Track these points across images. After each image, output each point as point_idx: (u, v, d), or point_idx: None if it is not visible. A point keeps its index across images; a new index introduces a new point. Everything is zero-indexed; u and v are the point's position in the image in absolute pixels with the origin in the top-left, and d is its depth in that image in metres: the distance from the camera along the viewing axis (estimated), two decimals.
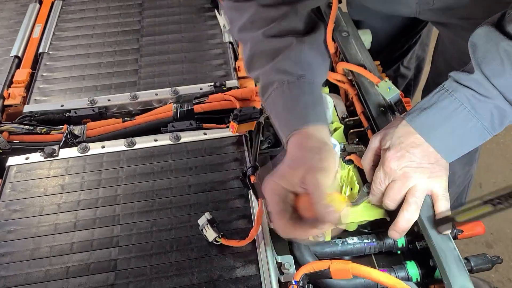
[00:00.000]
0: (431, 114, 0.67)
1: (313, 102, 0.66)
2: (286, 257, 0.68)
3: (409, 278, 0.68)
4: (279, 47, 0.69)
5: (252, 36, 0.71)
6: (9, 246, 0.69)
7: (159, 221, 0.71)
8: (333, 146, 0.78)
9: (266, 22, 0.70)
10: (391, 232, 0.68)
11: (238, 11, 0.72)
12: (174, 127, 0.85)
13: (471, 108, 0.65)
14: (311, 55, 0.69)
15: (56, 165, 0.80)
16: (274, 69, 0.68)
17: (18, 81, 0.97)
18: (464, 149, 0.69)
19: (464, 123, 0.66)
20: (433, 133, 0.67)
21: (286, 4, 0.70)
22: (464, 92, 0.66)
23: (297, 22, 0.71)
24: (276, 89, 0.67)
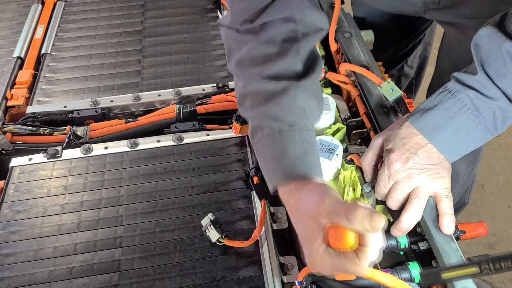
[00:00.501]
0: (434, 115, 0.67)
1: (302, 153, 0.63)
2: (289, 258, 0.68)
3: (411, 279, 0.68)
4: (273, 92, 0.65)
5: (247, 73, 0.68)
6: (13, 246, 0.69)
7: (162, 222, 0.71)
8: (336, 147, 0.78)
9: (264, 60, 0.67)
10: (393, 230, 0.69)
11: (237, 42, 0.69)
12: (177, 128, 0.85)
13: (474, 109, 0.66)
14: (306, 100, 0.66)
15: (59, 166, 0.80)
16: (266, 114, 0.65)
17: (21, 82, 0.97)
18: (466, 150, 0.69)
19: (467, 124, 0.66)
20: (436, 134, 0.67)
21: (288, 41, 0.67)
22: (468, 93, 0.66)
23: (296, 62, 0.67)
24: (266, 136, 0.64)
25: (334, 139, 0.80)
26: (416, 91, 1.49)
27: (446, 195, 0.68)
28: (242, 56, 0.68)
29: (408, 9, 1.06)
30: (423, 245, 0.69)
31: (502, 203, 1.77)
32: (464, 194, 1.33)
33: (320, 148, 0.78)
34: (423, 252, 0.69)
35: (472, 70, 0.67)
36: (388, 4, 1.09)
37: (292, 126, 0.64)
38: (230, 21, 0.69)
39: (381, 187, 0.69)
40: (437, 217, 0.68)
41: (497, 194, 1.81)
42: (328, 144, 0.79)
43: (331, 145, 0.78)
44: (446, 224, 0.66)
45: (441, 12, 1.01)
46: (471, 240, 1.63)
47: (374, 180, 0.73)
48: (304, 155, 0.63)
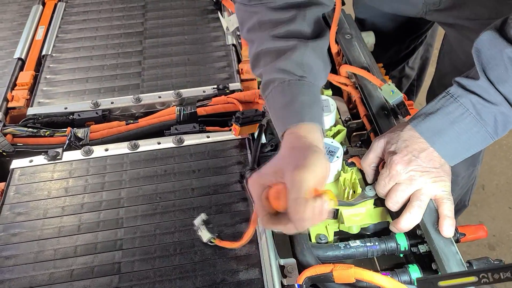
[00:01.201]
0: (436, 120, 0.68)
1: (311, 102, 0.67)
2: (289, 260, 0.68)
3: (411, 282, 0.68)
4: (283, 48, 0.70)
5: (259, 36, 0.73)
6: (14, 249, 0.69)
7: (162, 224, 0.71)
8: (336, 149, 0.78)
9: (274, 24, 0.72)
10: (391, 227, 0.70)
11: (248, 13, 0.74)
12: (177, 130, 0.85)
13: (476, 114, 0.66)
14: (313, 59, 0.70)
15: (59, 168, 0.81)
16: (277, 68, 0.69)
17: (22, 83, 0.97)
18: (467, 153, 0.69)
19: (468, 129, 0.66)
20: (438, 139, 0.68)
21: (294, 8, 0.72)
22: (470, 98, 0.66)
23: (304, 26, 0.72)
24: (277, 87, 0.69)
25: (334, 141, 0.80)
26: (417, 92, 1.49)
27: (447, 198, 0.68)
28: (253, 23, 0.74)
29: (409, 10, 1.06)
30: (423, 248, 0.69)
31: (502, 204, 1.77)
32: (464, 196, 1.33)
33: None
34: (423, 255, 0.70)
35: (473, 75, 0.67)
36: (389, 5, 1.09)
37: (301, 78, 0.68)
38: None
39: (381, 187, 0.70)
40: (437, 220, 0.68)
41: (497, 195, 1.81)
42: (328, 146, 0.79)
43: (331, 147, 0.78)
44: (446, 227, 0.66)
45: (441, 14, 1.01)
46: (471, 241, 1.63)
47: (375, 181, 0.74)
48: (311, 104, 0.67)
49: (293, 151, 0.61)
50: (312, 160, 0.58)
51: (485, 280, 0.53)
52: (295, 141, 0.63)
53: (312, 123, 0.65)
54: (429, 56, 1.42)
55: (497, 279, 0.52)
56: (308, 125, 0.64)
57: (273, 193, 0.59)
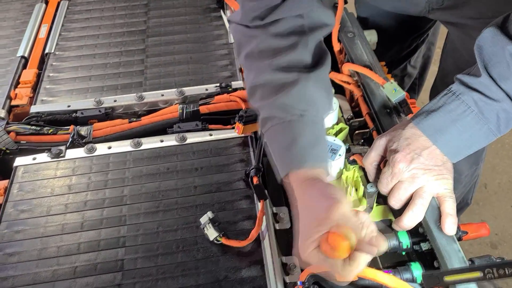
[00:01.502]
0: (438, 117, 0.67)
1: (313, 143, 0.65)
2: (291, 258, 0.68)
3: (413, 280, 0.68)
4: (284, 82, 0.67)
5: (257, 65, 0.70)
6: (17, 246, 0.70)
7: (165, 222, 0.71)
8: (339, 147, 0.78)
9: (274, 53, 0.68)
10: (394, 225, 0.70)
11: (247, 37, 0.71)
12: (180, 128, 0.85)
13: (478, 111, 0.66)
14: (316, 91, 0.68)
15: (63, 165, 0.81)
16: (276, 104, 0.66)
17: (25, 81, 0.98)
18: (470, 150, 0.69)
19: (470, 126, 0.66)
20: (440, 136, 0.68)
21: (296, 34, 0.69)
22: (472, 95, 0.66)
23: (306, 54, 0.69)
24: (276, 126, 0.66)
25: (337, 139, 0.80)
26: (419, 91, 1.49)
27: (449, 196, 0.68)
28: (252, 49, 0.70)
29: (411, 9, 1.06)
30: (425, 246, 0.69)
31: (505, 202, 1.77)
32: (467, 194, 1.33)
33: None
34: (425, 253, 0.70)
35: (475, 72, 0.67)
36: (392, 4, 1.09)
37: (302, 117, 0.66)
38: (241, 18, 0.71)
39: (383, 185, 0.70)
40: (439, 218, 0.68)
41: (500, 193, 1.80)
42: (330, 144, 0.79)
43: (333, 145, 0.79)
44: (448, 225, 0.66)
45: (444, 12, 1.00)
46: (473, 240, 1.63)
47: (377, 179, 0.74)
48: (313, 145, 0.65)
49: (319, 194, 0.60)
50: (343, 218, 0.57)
51: (490, 276, 0.54)
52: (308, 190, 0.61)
53: (314, 168, 0.63)
54: (431, 55, 1.41)
55: (502, 274, 0.53)
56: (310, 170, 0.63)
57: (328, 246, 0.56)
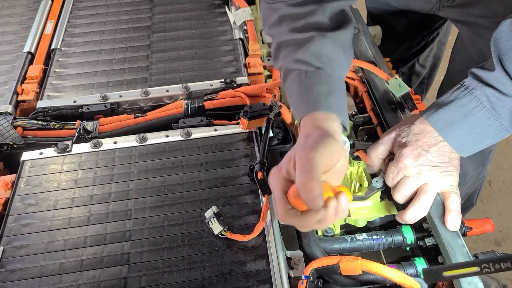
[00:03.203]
0: (449, 111, 0.67)
1: (328, 92, 0.68)
2: (296, 253, 0.68)
3: (417, 275, 0.68)
4: (302, 41, 0.71)
5: (279, 31, 0.76)
6: (25, 239, 0.71)
7: (170, 216, 0.72)
8: (343, 143, 0.78)
9: (293, 19, 0.73)
10: (397, 217, 0.71)
11: (270, 10, 0.77)
12: (185, 123, 0.86)
13: (490, 107, 0.66)
14: (332, 50, 0.71)
15: (69, 160, 0.82)
16: (295, 59, 0.71)
17: (31, 77, 0.98)
18: (480, 146, 0.69)
19: (482, 122, 0.66)
20: (450, 131, 0.68)
21: (314, 3, 0.72)
22: (485, 90, 0.66)
23: (323, 18, 0.73)
24: (295, 77, 0.71)
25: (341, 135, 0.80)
26: (427, 90, 1.49)
27: (454, 192, 0.68)
28: (274, 19, 0.76)
29: (422, 6, 1.05)
30: (430, 241, 0.70)
31: (509, 200, 1.77)
32: (472, 195, 1.33)
33: None
34: (429, 248, 0.70)
35: (489, 66, 0.67)
36: (403, 1, 1.09)
37: (318, 69, 0.69)
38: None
39: (389, 179, 0.70)
40: (443, 214, 0.68)
41: (504, 191, 1.80)
42: None
43: None
44: (452, 221, 0.66)
45: (454, 10, 1.00)
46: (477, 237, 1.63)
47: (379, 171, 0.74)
48: (328, 94, 0.68)
49: (307, 138, 0.61)
50: (323, 142, 0.58)
51: (487, 270, 0.54)
52: (309, 130, 0.63)
53: (329, 112, 0.65)
54: (442, 55, 1.41)
55: (498, 268, 0.54)
56: (324, 114, 0.65)
57: (293, 191, 0.58)
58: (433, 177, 0.68)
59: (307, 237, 0.70)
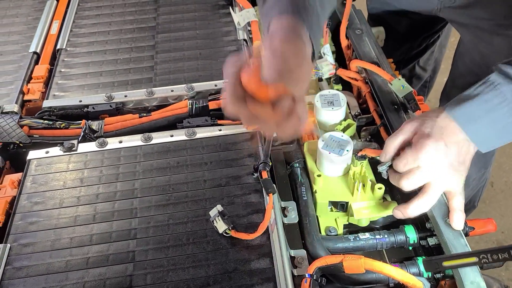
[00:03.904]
0: (473, 106, 0.67)
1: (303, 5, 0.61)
2: (299, 252, 0.69)
3: (420, 274, 0.69)
4: None
5: None
6: (31, 237, 0.71)
7: (175, 215, 0.73)
8: (346, 143, 0.79)
9: None
10: (396, 211, 0.70)
11: None
12: (189, 123, 0.87)
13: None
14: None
15: (75, 159, 0.82)
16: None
17: (37, 76, 0.99)
18: (501, 142, 0.69)
19: (505, 118, 0.66)
20: (472, 125, 0.67)
21: None
22: (510, 87, 0.65)
23: None
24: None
25: (344, 135, 0.81)
26: (428, 93, 1.49)
27: (459, 193, 0.69)
28: None
29: (423, 5, 1.05)
30: (432, 241, 0.70)
31: (511, 201, 1.77)
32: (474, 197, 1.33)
33: (330, 143, 0.79)
34: (432, 248, 0.70)
35: None
36: (405, 1, 1.09)
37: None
38: None
39: (401, 164, 0.69)
40: (447, 213, 0.69)
41: (506, 192, 1.80)
42: (338, 140, 0.80)
43: (341, 141, 0.79)
44: (457, 220, 0.67)
45: (455, 11, 1.00)
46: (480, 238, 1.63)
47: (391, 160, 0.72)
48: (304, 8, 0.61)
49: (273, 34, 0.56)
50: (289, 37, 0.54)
51: (485, 260, 0.56)
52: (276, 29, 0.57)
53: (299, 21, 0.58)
54: (442, 58, 1.41)
55: (495, 259, 0.56)
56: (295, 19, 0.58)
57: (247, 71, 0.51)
58: (445, 174, 0.67)
59: (310, 236, 0.71)
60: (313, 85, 1.04)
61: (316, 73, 0.96)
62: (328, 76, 0.97)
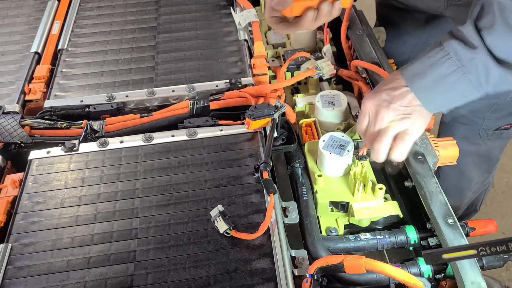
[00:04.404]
0: (418, 63, 0.70)
1: None
2: (300, 251, 0.69)
3: (421, 274, 0.69)
4: None
5: None
6: (32, 236, 0.71)
7: (176, 215, 0.73)
8: (347, 143, 0.79)
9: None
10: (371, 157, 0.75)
11: None
12: (190, 123, 0.87)
13: (456, 59, 0.67)
14: None
15: (76, 159, 0.82)
16: None
17: (39, 76, 0.99)
18: (447, 103, 0.70)
19: (448, 73, 0.67)
20: (416, 81, 0.69)
21: None
22: (453, 43, 0.67)
23: None
24: None
25: (345, 135, 0.81)
26: None
27: (408, 135, 0.70)
28: None
29: (431, 3, 1.06)
30: (433, 241, 0.70)
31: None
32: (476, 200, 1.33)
33: (331, 144, 0.79)
34: (432, 248, 0.70)
35: None
36: None
37: None
38: None
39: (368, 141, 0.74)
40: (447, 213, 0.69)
41: (507, 193, 1.80)
42: (339, 140, 0.80)
43: (342, 141, 0.80)
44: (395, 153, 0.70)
45: (460, 9, 1.01)
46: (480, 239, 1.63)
47: None
48: None
49: None
50: None
51: (484, 253, 0.58)
52: None
53: None
54: None
55: (494, 251, 0.57)
56: None
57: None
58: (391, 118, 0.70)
59: (311, 236, 0.71)
60: (314, 85, 1.04)
61: (317, 73, 0.96)
62: (329, 76, 0.97)
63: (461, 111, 1.06)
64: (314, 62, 0.97)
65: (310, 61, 0.99)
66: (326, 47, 1.00)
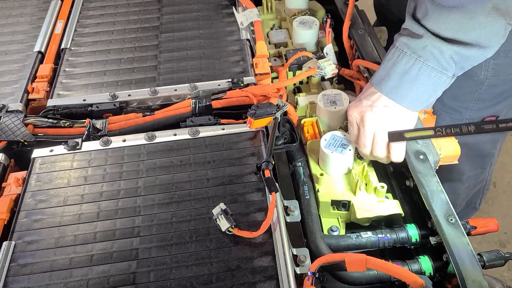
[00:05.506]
0: (381, 68, 0.74)
1: None
2: (302, 250, 0.69)
3: (422, 272, 0.69)
4: None
5: None
6: (35, 234, 0.72)
7: (178, 213, 0.73)
8: (349, 143, 0.79)
9: None
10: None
11: None
12: (193, 122, 0.87)
13: (411, 52, 0.71)
14: None
15: (79, 157, 0.83)
16: None
17: (42, 76, 1.00)
18: (423, 95, 0.72)
19: (408, 67, 0.71)
20: (383, 83, 0.73)
21: None
22: (403, 40, 0.72)
23: None
24: None
25: (347, 134, 0.81)
26: None
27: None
28: None
29: None
30: (434, 240, 0.70)
31: None
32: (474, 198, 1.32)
33: (333, 143, 0.79)
34: (433, 246, 0.71)
35: None
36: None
37: None
38: None
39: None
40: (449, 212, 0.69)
41: (509, 192, 1.80)
42: (341, 140, 0.80)
43: (344, 140, 0.80)
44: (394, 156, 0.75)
45: None
46: (482, 238, 1.63)
47: None
48: None
49: None
50: None
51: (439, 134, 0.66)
52: None
53: None
54: None
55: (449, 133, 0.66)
56: None
57: None
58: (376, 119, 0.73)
59: (313, 234, 0.71)
60: (316, 84, 1.04)
61: (319, 73, 0.96)
62: (331, 75, 0.97)
63: (445, 99, 1.07)
64: (316, 62, 0.97)
65: (312, 61, 0.99)
66: (328, 47, 1.01)
